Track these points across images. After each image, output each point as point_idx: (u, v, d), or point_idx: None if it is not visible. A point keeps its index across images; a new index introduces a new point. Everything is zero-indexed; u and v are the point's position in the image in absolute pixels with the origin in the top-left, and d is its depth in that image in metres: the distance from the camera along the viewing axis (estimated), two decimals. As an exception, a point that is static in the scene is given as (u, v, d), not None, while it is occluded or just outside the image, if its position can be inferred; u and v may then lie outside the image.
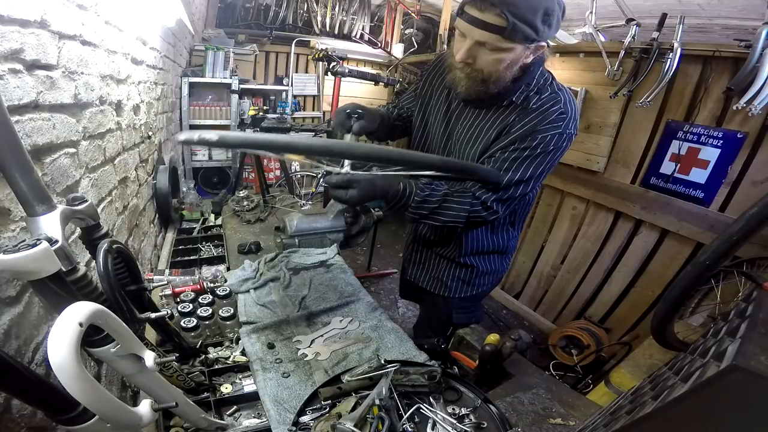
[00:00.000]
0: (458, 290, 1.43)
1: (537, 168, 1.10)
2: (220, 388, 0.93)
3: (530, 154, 1.08)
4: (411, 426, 0.82)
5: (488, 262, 1.41)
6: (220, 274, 1.41)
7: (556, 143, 1.08)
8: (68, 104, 0.97)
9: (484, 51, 0.99)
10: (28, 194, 0.61)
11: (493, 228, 1.34)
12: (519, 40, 0.94)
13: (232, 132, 0.76)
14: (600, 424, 0.66)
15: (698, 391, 0.45)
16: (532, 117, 1.08)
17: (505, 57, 0.99)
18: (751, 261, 1.98)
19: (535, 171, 1.11)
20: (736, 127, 2.12)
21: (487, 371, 1.06)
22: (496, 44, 0.95)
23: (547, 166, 1.12)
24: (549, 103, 1.08)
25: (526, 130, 1.08)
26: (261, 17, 4.58)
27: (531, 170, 1.10)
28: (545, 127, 1.07)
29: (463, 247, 1.35)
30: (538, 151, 1.08)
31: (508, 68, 1.02)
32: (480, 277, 1.42)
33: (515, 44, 0.96)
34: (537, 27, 0.93)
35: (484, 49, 0.98)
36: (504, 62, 1.00)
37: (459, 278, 1.42)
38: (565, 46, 2.76)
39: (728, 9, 2.41)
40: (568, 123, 1.08)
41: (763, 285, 0.69)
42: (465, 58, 1.01)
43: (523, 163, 1.09)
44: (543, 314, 3.17)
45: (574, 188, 2.90)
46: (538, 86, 1.11)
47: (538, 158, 1.09)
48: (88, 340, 0.57)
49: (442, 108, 1.27)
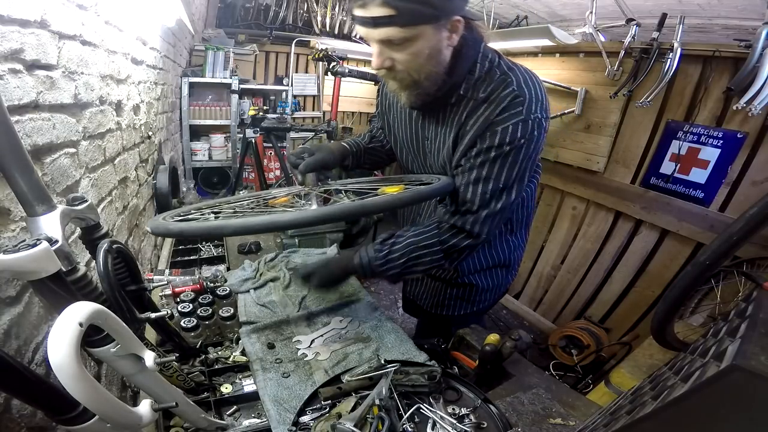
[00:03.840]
0: (458, 308, 1.34)
1: (512, 169, 0.96)
2: (220, 388, 0.93)
3: (498, 154, 0.94)
4: (411, 426, 0.82)
5: (490, 278, 1.29)
6: (220, 274, 1.41)
7: (523, 133, 0.92)
8: (68, 104, 0.97)
9: (394, 50, 0.88)
10: (28, 194, 0.61)
11: (489, 242, 1.23)
12: (418, 22, 0.83)
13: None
14: (600, 424, 0.66)
15: (698, 391, 0.45)
16: (484, 108, 0.95)
17: (418, 48, 0.87)
18: (751, 261, 1.98)
19: (510, 173, 0.96)
20: (736, 127, 2.12)
21: (487, 371, 1.06)
22: (399, 36, 0.84)
23: (525, 162, 0.96)
24: (499, 88, 0.94)
25: (481, 125, 0.95)
26: (261, 17, 4.57)
27: (506, 174, 0.96)
28: (502, 118, 0.93)
29: (459, 267, 1.25)
30: (505, 149, 0.93)
31: (431, 59, 0.90)
32: (481, 294, 1.31)
33: (418, 28, 0.84)
34: (430, 1, 0.82)
35: (393, 47, 0.88)
36: (421, 54, 0.88)
37: (458, 297, 1.32)
38: (565, 46, 2.76)
39: (728, 9, 2.40)
40: (530, 106, 0.92)
41: (763, 285, 0.69)
42: (380, 65, 0.91)
43: (493, 169, 0.96)
44: (543, 314, 3.17)
45: (574, 188, 2.90)
46: (485, 70, 0.97)
47: (509, 157, 0.94)
48: (88, 340, 0.57)
49: (405, 122, 1.17)
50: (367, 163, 1.36)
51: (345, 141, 1.32)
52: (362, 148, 1.33)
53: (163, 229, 0.84)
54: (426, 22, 0.84)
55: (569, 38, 2.51)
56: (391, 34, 0.84)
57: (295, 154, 1.13)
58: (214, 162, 4.32)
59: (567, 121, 2.88)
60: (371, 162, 1.37)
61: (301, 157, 1.10)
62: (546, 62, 3.02)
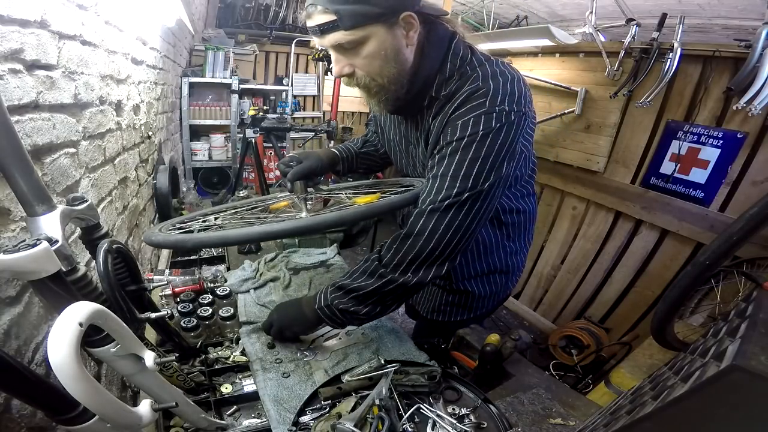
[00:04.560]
0: (455, 314, 1.29)
1: (472, 165, 0.86)
2: (220, 388, 0.93)
3: (456, 148, 0.87)
4: (411, 426, 0.82)
5: (487, 285, 1.24)
6: (220, 274, 1.41)
7: (486, 126, 0.85)
8: (68, 104, 0.97)
9: (349, 55, 0.86)
10: (28, 194, 0.61)
11: (485, 249, 1.17)
12: (363, 22, 0.80)
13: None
14: (600, 424, 0.66)
15: (698, 391, 0.45)
16: (448, 106, 0.91)
17: (372, 50, 0.84)
18: (751, 261, 1.98)
19: (471, 169, 0.87)
20: (736, 127, 2.12)
21: (487, 371, 1.06)
22: (347, 39, 0.82)
23: (492, 159, 0.86)
24: (466, 84, 0.89)
25: (439, 125, 0.92)
26: (261, 17, 4.58)
27: (465, 170, 0.87)
28: (460, 113, 0.88)
29: (453, 273, 1.19)
30: (462, 143, 0.86)
31: (389, 60, 0.86)
32: (478, 301, 1.26)
33: (366, 29, 0.81)
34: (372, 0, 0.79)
35: (347, 53, 0.85)
36: (377, 55, 0.85)
37: (454, 303, 1.27)
38: (565, 46, 2.76)
39: (728, 9, 2.41)
40: (494, 98, 0.85)
41: (763, 285, 0.69)
42: (339, 72, 0.89)
43: (452, 162, 0.88)
44: (543, 314, 3.17)
45: (574, 188, 2.90)
46: (456, 68, 0.92)
47: (468, 150, 0.86)
48: (88, 340, 0.57)
49: (395, 126, 1.16)
50: (360, 167, 1.37)
51: (335, 147, 1.33)
52: (354, 153, 1.34)
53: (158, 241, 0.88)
54: (371, 21, 0.81)
55: (569, 38, 2.52)
56: (338, 39, 0.83)
57: (284, 162, 1.15)
58: (214, 162, 4.32)
59: (567, 121, 2.88)
60: (365, 166, 1.38)
61: (289, 166, 1.12)
62: (546, 62, 3.02)
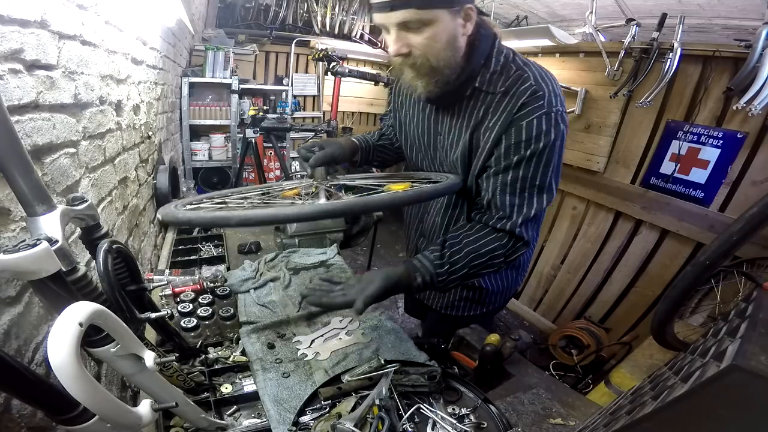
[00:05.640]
0: (467, 309, 1.32)
1: (547, 167, 0.96)
2: (220, 388, 0.93)
3: (533, 151, 0.94)
4: (411, 426, 0.82)
5: (499, 280, 1.28)
6: (220, 274, 1.41)
7: (548, 126, 0.92)
8: (68, 104, 0.97)
9: (412, 35, 0.89)
10: (28, 194, 0.61)
11: None
12: (435, 5, 0.85)
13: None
14: (600, 424, 0.66)
15: (698, 391, 0.45)
16: (505, 104, 0.95)
17: (435, 32, 0.88)
18: (751, 261, 1.98)
19: (547, 170, 0.96)
20: (736, 127, 2.12)
21: (487, 371, 1.06)
22: (416, 18, 0.86)
23: (558, 158, 0.97)
24: (517, 83, 0.94)
25: (503, 121, 0.95)
26: (261, 17, 4.57)
27: (542, 172, 0.96)
28: (524, 113, 0.93)
29: None
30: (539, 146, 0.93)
31: (449, 45, 0.91)
32: (491, 296, 1.30)
33: (434, 12, 0.85)
34: None
35: (410, 32, 0.88)
36: (440, 39, 0.89)
37: (468, 299, 1.30)
38: (565, 46, 2.76)
39: (728, 9, 2.41)
40: (550, 99, 0.93)
41: (763, 285, 0.69)
42: (398, 50, 0.91)
43: (529, 168, 0.95)
44: (543, 314, 3.17)
45: (574, 188, 2.90)
46: (500, 65, 0.98)
47: (543, 155, 0.94)
48: (88, 340, 0.57)
49: (417, 118, 1.18)
50: (375, 160, 1.37)
51: (355, 136, 1.32)
52: (372, 145, 1.34)
53: (171, 218, 0.84)
54: (442, 6, 0.85)
55: (569, 38, 2.52)
56: (407, 17, 0.85)
57: (306, 147, 1.13)
58: (214, 162, 4.32)
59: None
60: (380, 159, 1.39)
61: (311, 151, 1.10)
62: (546, 62, 3.02)
